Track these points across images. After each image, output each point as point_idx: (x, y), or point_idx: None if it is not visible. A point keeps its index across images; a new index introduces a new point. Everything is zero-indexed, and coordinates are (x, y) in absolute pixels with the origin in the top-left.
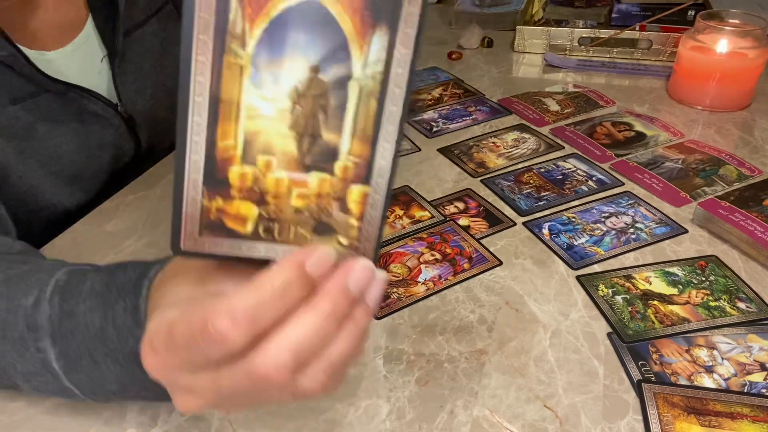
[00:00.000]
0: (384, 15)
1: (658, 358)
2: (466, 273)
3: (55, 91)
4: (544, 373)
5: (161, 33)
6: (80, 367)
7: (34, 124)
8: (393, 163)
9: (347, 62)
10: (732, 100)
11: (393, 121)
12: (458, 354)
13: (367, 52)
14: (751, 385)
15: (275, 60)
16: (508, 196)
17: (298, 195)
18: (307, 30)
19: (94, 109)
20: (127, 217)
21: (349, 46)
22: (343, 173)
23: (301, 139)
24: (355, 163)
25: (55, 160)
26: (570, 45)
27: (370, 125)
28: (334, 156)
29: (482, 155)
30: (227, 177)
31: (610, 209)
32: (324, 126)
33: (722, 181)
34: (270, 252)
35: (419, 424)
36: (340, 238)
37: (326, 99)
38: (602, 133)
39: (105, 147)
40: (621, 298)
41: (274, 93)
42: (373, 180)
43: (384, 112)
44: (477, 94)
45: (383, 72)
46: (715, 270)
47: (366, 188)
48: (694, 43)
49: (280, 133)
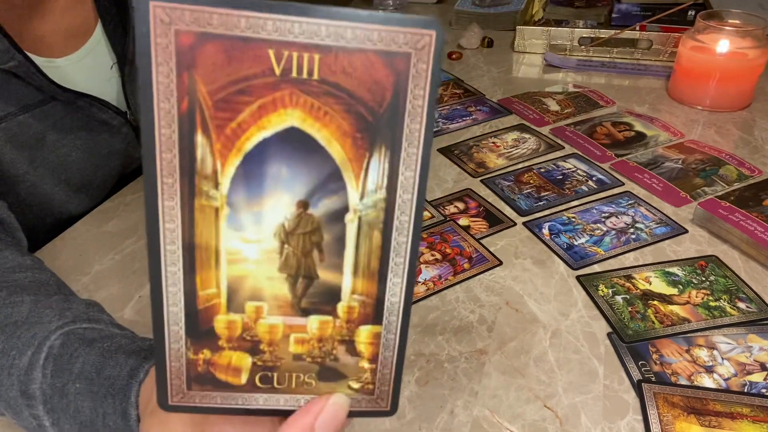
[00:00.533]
0: (381, 136)
1: (658, 358)
2: (466, 273)
3: (64, 100)
4: (544, 373)
5: None
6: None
7: (44, 132)
8: (406, 298)
9: (341, 193)
10: (732, 100)
11: (402, 253)
12: (458, 354)
13: (365, 179)
14: (751, 385)
15: (254, 198)
16: (508, 196)
17: (297, 340)
18: (290, 162)
19: (104, 117)
20: (127, 217)
21: (343, 174)
22: (348, 315)
23: (294, 281)
24: (361, 302)
25: (64, 168)
26: (570, 45)
27: (376, 260)
28: (336, 297)
29: (482, 155)
30: (213, 327)
31: (610, 209)
32: (320, 265)
33: (722, 181)
34: (270, 401)
35: (419, 424)
36: (350, 382)
37: (320, 235)
38: (602, 133)
39: (114, 155)
40: (621, 298)
41: (257, 234)
42: (384, 319)
43: (391, 244)
44: (477, 94)
45: (386, 200)
46: (715, 270)
47: (377, 328)
48: (694, 43)
49: (269, 276)
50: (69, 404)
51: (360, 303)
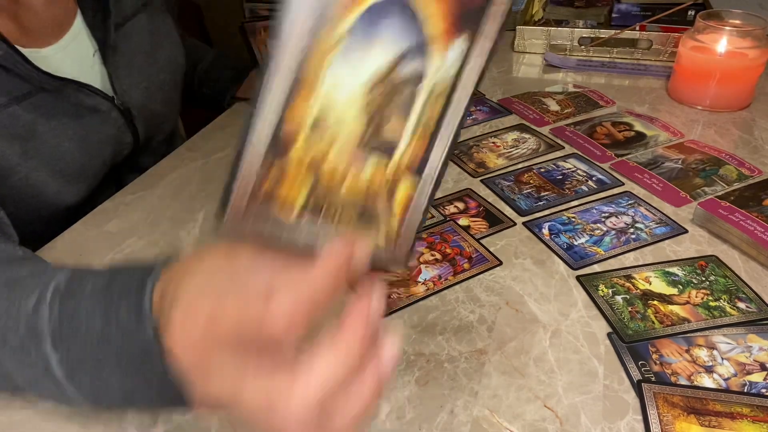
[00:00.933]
0: (469, 25)
1: (658, 358)
2: (466, 273)
3: (51, 89)
4: (544, 373)
5: (150, 27)
6: (82, 372)
7: (34, 123)
8: (440, 171)
9: (426, 62)
10: (732, 100)
11: (449, 127)
12: (458, 354)
13: (446, 56)
14: (751, 385)
15: (361, 46)
16: (508, 196)
17: (353, 178)
18: (396, 25)
19: (92, 103)
20: (127, 217)
21: (432, 47)
22: (398, 167)
23: (367, 126)
24: (410, 157)
25: (57, 158)
26: (570, 45)
27: (432, 124)
28: (392, 149)
29: (482, 155)
30: (288, 155)
31: (610, 209)
32: (390, 118)
33: (722, 181)
34: (310, 237)
35: (419, 424)
36: (380, 229)
37: (399, 92)
38: (602, 133)
39: (105, 142)
40: (621, 298)
41: (354, 77)
42: (419, 184)
43: (446, 115)
44: (477, 94)
45: (455, 76)
46: (715, 270)
47: (412, 189)
48: (694, 43)
49: (351, 115)
50: (79, 327)
51: (409, 158)
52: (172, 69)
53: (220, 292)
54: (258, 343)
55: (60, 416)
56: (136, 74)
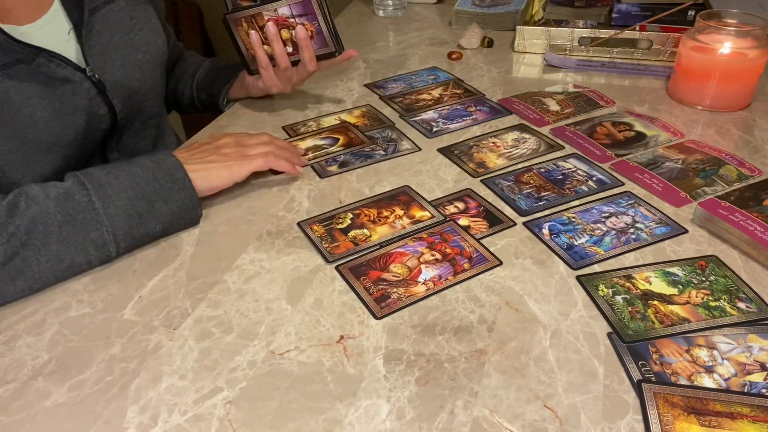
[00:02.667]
0: None
1: (658, 358)
2: (466, 273)
3: (26, 60)
4: (544, 373)
5: (130, 12)
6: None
7: (7, 93)
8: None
9: None
10: (732, 100)
11: None
12: (458, 354)
13: None
14: (751, 385)
15: None
16: (508, 196)
17: None
18: None
19: (64, 73)
20: None
21: None
22: None
23: None
24: None
25: (30, 127)
26: (570, 45)
27: None
28: None
29: (482, 155)
30: None
31: (610, 209)
32: None
33: (722, 181)
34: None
35: (419, 424)
36: None
37: None
38: (602, 133)
39: (78, 112)
40: (621, 298)
41: None
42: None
43: None
44: (477, 94)
45: None
46: (715, 270)
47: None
48: (694, 43)
49: None
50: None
51: None
52: (150, 51)
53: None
54: None
55: (60, 416)
56: (112, 52)
